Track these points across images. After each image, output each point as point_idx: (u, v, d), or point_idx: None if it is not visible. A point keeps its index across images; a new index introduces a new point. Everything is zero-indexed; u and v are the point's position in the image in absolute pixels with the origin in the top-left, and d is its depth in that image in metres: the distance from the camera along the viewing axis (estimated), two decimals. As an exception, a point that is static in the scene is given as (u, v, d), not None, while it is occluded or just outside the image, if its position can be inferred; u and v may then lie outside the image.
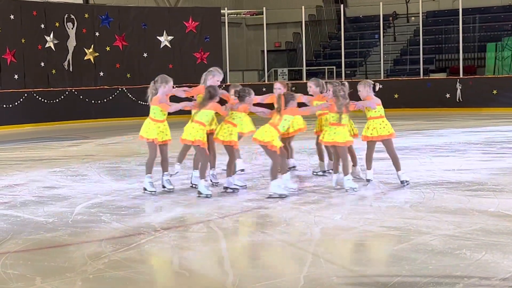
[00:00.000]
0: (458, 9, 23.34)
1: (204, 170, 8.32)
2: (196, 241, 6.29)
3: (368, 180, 8.79)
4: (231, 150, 8.51)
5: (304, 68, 25.34)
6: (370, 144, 8.72)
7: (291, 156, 10.01)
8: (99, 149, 14.39)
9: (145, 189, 8.62)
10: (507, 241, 5.77)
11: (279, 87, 9.45)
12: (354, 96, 8.68)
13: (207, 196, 8.14)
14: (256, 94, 8.98)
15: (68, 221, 7.14)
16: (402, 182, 8.63)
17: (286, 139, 9.50)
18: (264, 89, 19.47)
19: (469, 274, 4.91)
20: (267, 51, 26.03)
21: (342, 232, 6.37)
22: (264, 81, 25.52)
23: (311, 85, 9.49)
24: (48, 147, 15.07)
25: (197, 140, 8.21)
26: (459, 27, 23.37)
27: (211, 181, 8.93)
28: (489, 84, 21.95)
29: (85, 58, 22.57)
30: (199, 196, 8.19)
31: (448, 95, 22.30)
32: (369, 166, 8.79)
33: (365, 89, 8.63)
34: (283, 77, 26.98)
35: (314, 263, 5.46)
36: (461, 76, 22.91)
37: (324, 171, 9.72)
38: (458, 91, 22.15)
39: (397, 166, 8.69)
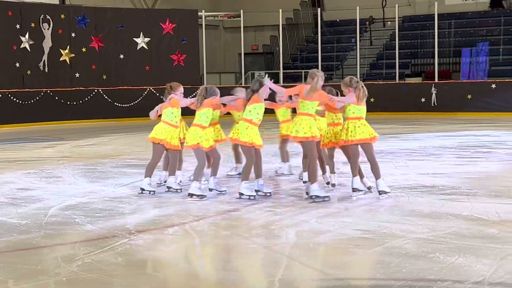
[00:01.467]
0: (434, 14, 23.54)
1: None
2: (171, 244, 6.27)
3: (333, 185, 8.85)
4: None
5: (281, 71, 25.37)
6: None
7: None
8: (74, 151, 14.30)
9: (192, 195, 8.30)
10: (479, 245, 5.82)
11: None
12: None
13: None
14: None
15: (42, 223, 7.08)
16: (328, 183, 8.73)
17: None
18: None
19: (442, 278, 4.94)
20: (244, 54, 26.03)
21: (317, 235, 6.38)
22: (241, 84, 25.50)
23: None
24: (22, 149, 14.94)
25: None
26: (434, 32, 23.56)
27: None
28: (464, 89, 22.15)
29: (61, 59, 22.41)
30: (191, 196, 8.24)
31: (423, 100, 22.47)
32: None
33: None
34: (260, 80, 26.94)
35: (289, 266, 5.47)
36: (436, 80, 23.09)
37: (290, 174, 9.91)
38: (433, 96, 22.34)
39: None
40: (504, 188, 8.52)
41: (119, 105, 22.79)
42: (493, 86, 21.70)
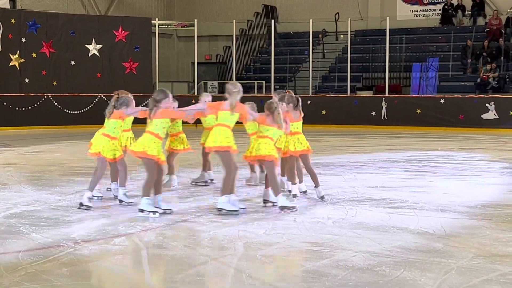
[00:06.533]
0: (386, 29, 23.89)
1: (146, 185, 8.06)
2: (116, 255, 6.18)
3: (294, 195, 8.78)
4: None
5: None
6: (290, 158, 8.75)
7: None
8: (21, 158, 14.04)
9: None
10: (425, 259, 5.89)
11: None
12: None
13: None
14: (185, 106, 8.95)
15: (-15, 231, 6.93)
16: (322, 197, 8.73)
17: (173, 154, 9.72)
18: (193, 101, 19.37)
19: (387, 291, 4.99)
20: (198, 63, 25.99)
21: (265, 247, 6.38)
22: (194, 93, 25.45)
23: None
24: (-33, 154, 14.62)
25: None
26: (386, 46, 23.91)
27: None
28: (414, 104, 22.50)
29: (11, 64, 22.05)
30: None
31: (373, 113, 22.74)
32: (293, 180, 8.85)
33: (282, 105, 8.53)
34: (212, 89, 26.99)
35: (236, 278, 5.45)
36: (386, 94, 23.41)
37: (205, 182, 9.93)
38: (384, 109, 22.63)
39: (315, 182, 8.77)
40: (450, 203, 8.64)
41: (69, 112, 22.50)
42: (442, 101, 22.10)
